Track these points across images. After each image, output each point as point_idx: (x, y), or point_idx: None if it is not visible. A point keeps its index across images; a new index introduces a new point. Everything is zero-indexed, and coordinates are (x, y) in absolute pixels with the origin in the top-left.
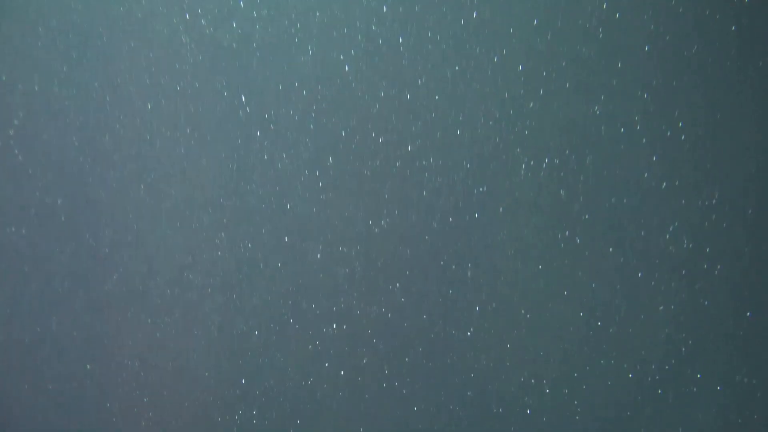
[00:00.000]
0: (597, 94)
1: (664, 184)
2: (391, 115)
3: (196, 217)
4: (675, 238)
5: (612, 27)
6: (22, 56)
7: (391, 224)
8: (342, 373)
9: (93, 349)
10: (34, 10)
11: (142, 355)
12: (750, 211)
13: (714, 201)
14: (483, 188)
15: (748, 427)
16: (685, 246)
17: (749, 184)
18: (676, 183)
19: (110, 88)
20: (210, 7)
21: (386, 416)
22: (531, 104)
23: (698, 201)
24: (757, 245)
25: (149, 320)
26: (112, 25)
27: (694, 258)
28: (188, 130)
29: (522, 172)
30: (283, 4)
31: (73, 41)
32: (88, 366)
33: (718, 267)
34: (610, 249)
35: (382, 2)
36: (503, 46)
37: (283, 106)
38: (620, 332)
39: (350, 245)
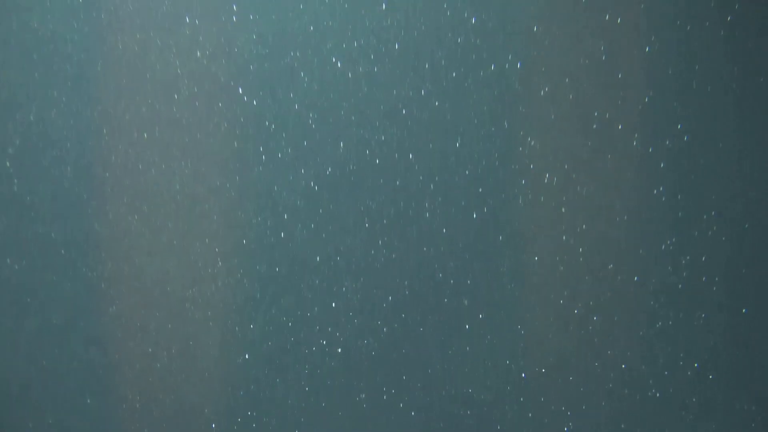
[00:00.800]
0: (597, 112)
1: (664, 198)
2: (392, 151)
3: (192, 248)
4: (672, 257)
5: (613, 41)
6: (18, 85)
7: (389, 257)
8: (341, 405)
9: (92, 383)
10: (30, 39)
11: (142, 388)
12: (746, 226)
13: (713, 213)
14: (483, 210)
15: None
16: (683, 263)
17: (747, 200)
18: (678, 197)
19: (106, 118)
20: (206, 40)
21: None
22: (530, 126)
23: (696, 218)
24: (756, 261)
25: (149, 350)
26: (108, 56)
27: (692, 276)
28: (183, 163)
29: (521, 200)
30: (279, 36)
31: (69, 71)
32: (88, 400)
33: (716, 280)
34: (610, 266)
35: (381, 35)
36: (500, 66)
37: (279, 138)
38: (620, 355)
39: (348, 277)
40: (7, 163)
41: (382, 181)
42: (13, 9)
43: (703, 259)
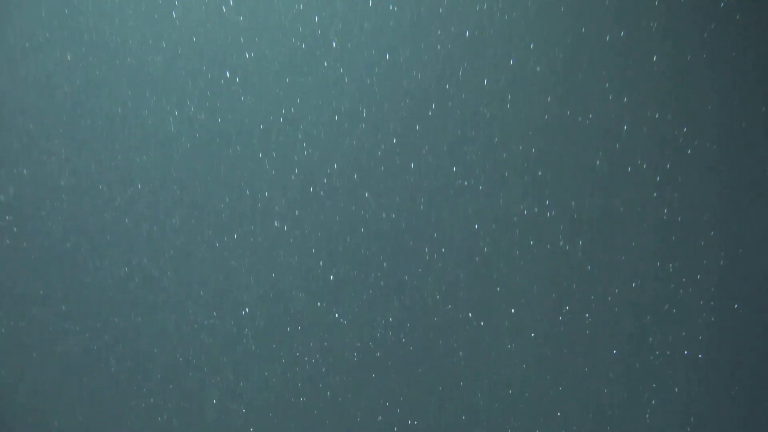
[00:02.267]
0: (600, 139)
1: (665, 218)
2: (389, 204)
3: (187, 303)
4: (670, 280)
5: (616, 64)
6: (12, 135)
7: (386, 314)
8: None
9: None
10: (24, 89)
11: None
12: (741, 251)
13: (712, 234)
14: (484, 248)
15: None
16: (680, 291)
17: (745, 223)
18: (679, 219)
19: (100, 171)
20: (201, 95)
21: None
22: (531, 160)
23: (694, 240)
24: (751, 282)
25: (152, 400)
26: (102, 111)
27: (688, 299)
28: (174, 220)
29: (519, 253)
30: (275, 91)
31: (63, 123)
32: None
33: (711, 304)
34: (609, 297)
35: (379, 73)
36: (499, 95)
37: (275, 184)
38: (620, 386)
39: (346, 335)
40: (7, 217)
41: (378, 233)
42: (7, 58)
43: (698, 277)
